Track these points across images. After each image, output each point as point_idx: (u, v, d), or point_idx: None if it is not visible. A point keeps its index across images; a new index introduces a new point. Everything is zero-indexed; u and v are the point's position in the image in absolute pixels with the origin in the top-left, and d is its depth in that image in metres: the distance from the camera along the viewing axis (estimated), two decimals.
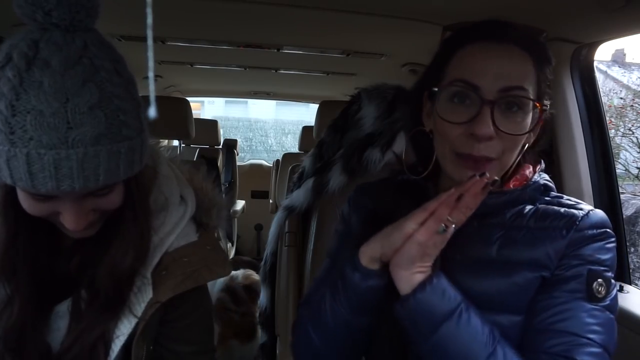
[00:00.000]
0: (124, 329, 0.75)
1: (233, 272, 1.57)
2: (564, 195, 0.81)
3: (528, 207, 0.78)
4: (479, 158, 0.71)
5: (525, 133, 0.72)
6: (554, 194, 0.81)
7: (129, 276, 0.75)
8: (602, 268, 0.73)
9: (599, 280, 0.72)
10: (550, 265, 0.73)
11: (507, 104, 0.71)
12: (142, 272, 0.76)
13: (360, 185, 0.95)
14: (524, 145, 0.76)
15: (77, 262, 0.77)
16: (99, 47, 0.62)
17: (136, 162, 0.66)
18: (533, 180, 0.79)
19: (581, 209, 0.76)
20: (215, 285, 1.51)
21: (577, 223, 0.74)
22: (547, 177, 0.82)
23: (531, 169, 0.81)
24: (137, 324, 0.75)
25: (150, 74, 0.38)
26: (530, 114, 0.72)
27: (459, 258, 0.77)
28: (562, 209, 0.76)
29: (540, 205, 0.78)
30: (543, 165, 0.82)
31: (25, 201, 0.66)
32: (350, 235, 0.91)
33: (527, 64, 0.72)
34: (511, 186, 0.78)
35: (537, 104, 0.72)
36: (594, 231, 0.74)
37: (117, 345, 0.74)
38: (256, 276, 1.58)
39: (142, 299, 0.76)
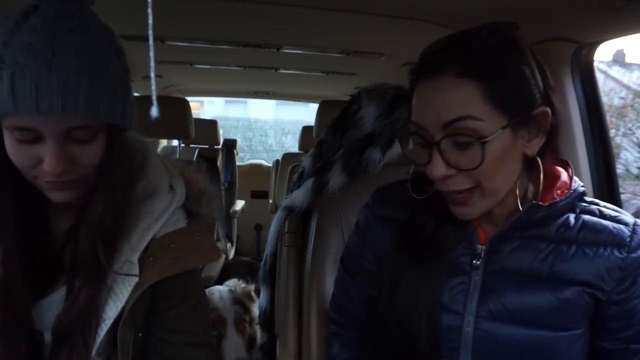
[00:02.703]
0: (110, 312, 0.76)
1: (227, 286, 1.59)
2: (600, 202, 0.79)
3: (572, 217, 0.75)
4: (450, 192, 0.70)
5: (479, 165, 0.66)
6: (588, 199, 0.79)
7: (107, 236, 0.75)
8: None
9: None
10: (603, 287, 0.72)
11: (456, 139, 0.67)
12: (129, 257, 0.77)
13: (380, 193, 0.92)
14: (526, 157, 0.73)
15: (71, 250, 0.77)
16: (93, 15, 0.68)
17: (117, 110, 0.69)
18: (573, 188, 0.77)
19: (627, 224, 0.74)
20: (225, 301, 1.51)
21: (629, 244, 0.72)
22: (579, 182, 0.79)
23: (566, 174, 0.79)
24: (123, 308, 0.76)
25: (152, 75, 0.38)
26: (494, 141, 0.66)
27: (500, 270, 0.75)
28: (611, 225, 0.74)
29: (585, 217, 0.75)
30: (572, 168, 0.80)
31: (11, 147, 0.67)
32: (367, 247, 0.89)
33: (466, 89, 0.66)
34: (555, 196, 0.75)
35: (481, 139, 0.65)
36: None
37: (102, 330, 0.75)
38: (245, 285, 1.62)
39: (129, 283, 0.76)
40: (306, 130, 3.32)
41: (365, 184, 1.08)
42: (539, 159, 0.73)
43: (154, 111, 0.40)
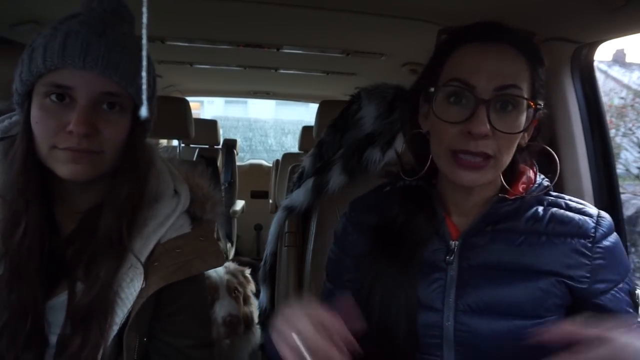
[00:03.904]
0: (117, 318, 0.76)
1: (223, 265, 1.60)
2: (564, 195, 0.83)
3: (540, 209, 0.80)
4: (474, 154, 0.72)
5: (520, 132, 0.73)
6: (554, 193, 0.83)
7: (128, 212, 0.78)
8: (631, 276, 0.77)
9: (637, 291, 0.76)
10: (573, 275, 0.75)
11: (502, 103, 0.72)
12: (134, 262, 0.78)
13: (356, 201, 0.95)
14: (518, 145, 0.77)
15: (75, 249, 0.78)
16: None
17: (146, 97, 0.73)
18: (537, 182, 0.81)
19: (590, 215, 0.78)
20: (217, 272, 1.52)
21: (593, 235, 0.76)
22: (543, 176, 0.83)
23: (531, 171, 0.83)
24: (129, 314, 0.76)
25: (143, 74, 0.38)
26: (525, 113, 0.73)
27: (475, 264, 0.77)
28: (577, 217, 0.78)
29: (553, 209, 0.80)
30: (537, 166, 0.84)
31: (39, 112, 0.72)
32: (346, 254, 0.90)
33: (520, 64, 0.73)
34: (520, 190, 0.79)
35: (532, 103, 0.73)
36: (610, 240, 0.77)
37: (110, 335, 0.75)
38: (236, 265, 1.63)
39: (134, 289, 0.77)
40: (306, 130, 3.32)
41: (365, 184, 1.08)
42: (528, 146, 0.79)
43: (144, 110, 0.41)
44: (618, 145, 6.12)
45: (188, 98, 2.51)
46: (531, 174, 0.82)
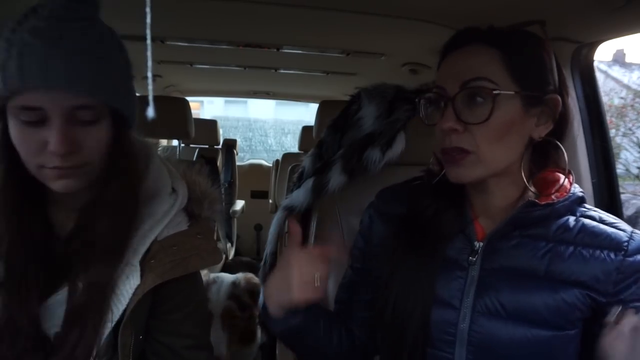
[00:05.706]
0: (111, 315, 0.76)
1: (235, 278, 1.57)
2: (598, 209, 0.82)
3: (572, 220, 0.78)
4: (450, 150, 0.74)
5: (485, 120, 0.71)
6: (587, 205, 0.82)
7: (122, 212, 0.77)
8: None
9: None
10: (599, 288, 0.73)
11: (470, 97, 0.73)
12: (131, 260, 0.78)
13: (384, 191, 0.95)
14: (532, 140, 0.76)
15: (73, 248, 0.77)
16: (97, 12, 0.71)
17: (121, 97, 0.72)
18: (572, 192, 0.79)
19: (624, 230, 0.76)
20: (221, 294, 1.50)
21: (626, 248, 0.74)
22: (579, 188, 0.82)
23: (565, 179, 0.81)
24: (124, 311, 0.76)
25: (149, 74, 0.38)
26: (504, 103, 0.72)
27: (497, 267, 0.77)
28: (609, 230, 0.76)
29: (585, 220, 0.78)
30: (573, 175, 0.83)
31: (17, 133, 0.68)
32: (370, 246, 0.91)
33: (488, 55, 0.74)
34: (553, 198, 0.77)
35: (490, 92, 0.71)
36: None
37: (104, 332, 0.75)
38: (256, 279, 1.59)
39: (130, 286, 0.77)
40: (306, 130, 3.32)
41: (365, 184, 1.08)
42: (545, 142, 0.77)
43: (150, 111, 0.41)
44: (618, 145, 6.12)
45: (188, 98, 2.50)
46: (566, 182, 0.81)
